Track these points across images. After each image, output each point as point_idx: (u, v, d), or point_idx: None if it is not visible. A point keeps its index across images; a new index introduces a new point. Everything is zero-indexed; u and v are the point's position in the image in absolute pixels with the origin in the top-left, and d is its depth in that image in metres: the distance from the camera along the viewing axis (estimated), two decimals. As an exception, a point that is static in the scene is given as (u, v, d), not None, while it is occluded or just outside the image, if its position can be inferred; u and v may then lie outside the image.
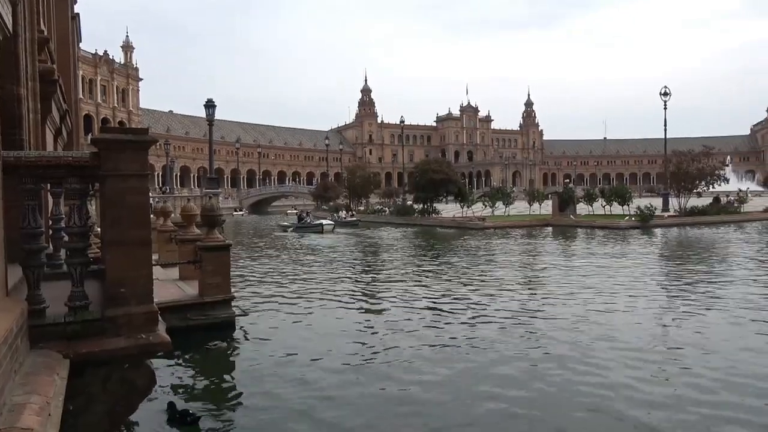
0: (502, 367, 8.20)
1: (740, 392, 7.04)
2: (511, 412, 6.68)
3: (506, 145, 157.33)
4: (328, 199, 68.37)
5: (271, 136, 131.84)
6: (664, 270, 18.20)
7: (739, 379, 7.49)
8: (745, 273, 16.60)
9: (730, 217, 38.27)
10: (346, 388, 7.47)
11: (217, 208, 11.56)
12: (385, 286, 15.84)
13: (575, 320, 10.91)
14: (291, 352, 9.19)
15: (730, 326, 10.33)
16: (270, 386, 7.67)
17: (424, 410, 6.79)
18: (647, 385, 7.37)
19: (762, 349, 8.84)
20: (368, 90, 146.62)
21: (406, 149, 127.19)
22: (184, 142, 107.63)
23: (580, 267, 18.37)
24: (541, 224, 37.83)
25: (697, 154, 41.66)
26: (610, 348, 9.00)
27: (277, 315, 12.06)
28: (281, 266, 20.68)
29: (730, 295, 13.03)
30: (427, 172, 46.46)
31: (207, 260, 10.61)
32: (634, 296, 13.24)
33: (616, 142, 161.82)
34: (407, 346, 9.29)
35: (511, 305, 12.51)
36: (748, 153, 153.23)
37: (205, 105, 25.97)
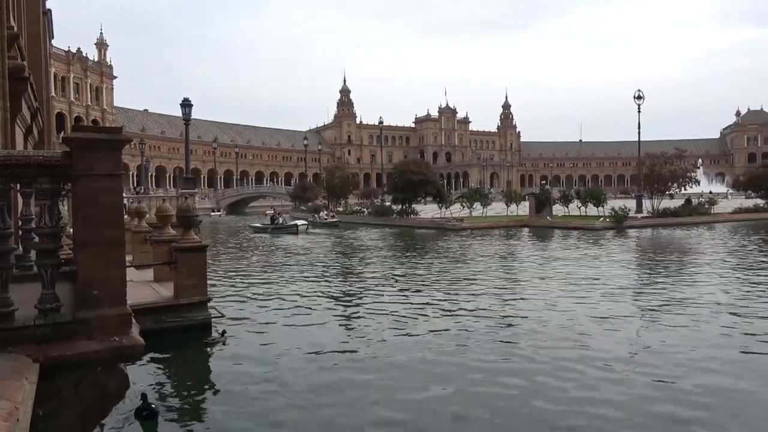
0: (479, 363, 8.28)
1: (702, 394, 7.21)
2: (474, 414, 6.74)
3: (484, 147, 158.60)
4: (306, 199, 68.10)
5: (248, 136, 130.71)
6: (636, 270, 18.54)
7: (700, 380, 7.67)
8: (715, 274, 17.01)
9: (701, 218, 39.16)
10: (320, 392, 7.44)
11: (194, 209, 11.40)
12: (362, 287, 15.81)
13: (547, 320, 11.04)
14: (267, 354, 9.14)
15: (700, 327, 10.55)
16: (243, 389, 7.63)
17: (400, 418, 6.80)
18: (613, 385, 7.51)
19: (720, 345, 9.08)
20: (347, 90, 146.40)
21: (385, 150, 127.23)
22: (159, 141, 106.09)
23: (555, 268, 18.60)
24: (518, 225, 38.22)
25: (670, 157, 42.54)
26: (581, 350, 9.14)
27: (254, 317, 11.96)
28: (257, 268, 20.51)
29: (701, 297, 13.34)
30: (405, 172, 46.58)
31: (182, 261, 10.47)
32: (607, 297, 13.45)
33: (592, 144, 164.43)
34: (381, 351, 9.26)
35: (486, 304, 12.62)
36: (719, 156, 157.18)
37: (182, 104, 25.67)
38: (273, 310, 12.52)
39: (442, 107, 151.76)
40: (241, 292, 15.01)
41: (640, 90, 44.99)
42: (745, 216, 41.67)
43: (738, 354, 8.73)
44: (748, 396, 7.07)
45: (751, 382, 7.55)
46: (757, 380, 7.65)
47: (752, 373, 7.95)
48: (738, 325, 10.46)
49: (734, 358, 8.50)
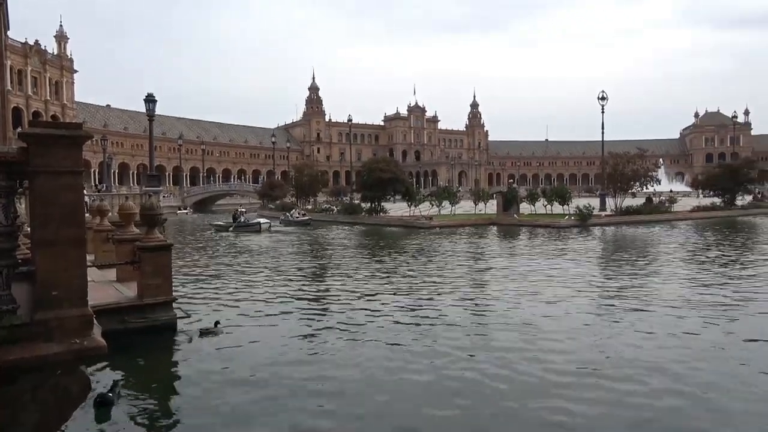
0: (447, 359, 8.37)
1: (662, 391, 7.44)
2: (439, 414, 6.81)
3: (453, 146, 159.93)
4: (274, 197, 67.46)
5: (215, 132, 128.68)
6: (600, 267, 18.98)
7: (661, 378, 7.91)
8: (674, 269, 17.55)
9: (662, 216, 40.33)
10: (283, 391, 7.41)
11: (158, 207, 11.16)
12: (328, 286, 15.79)
13: (513, 317, 11.22)
14: (231, 353, 9.05)
15: (659, 321, 10.88)
16: (205, 387, 7.57)
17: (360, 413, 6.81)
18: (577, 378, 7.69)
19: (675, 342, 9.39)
20: (316, 88, 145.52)
21: (354, 148, 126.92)
22: (122, 137, 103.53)
23: (521, 265, 18.90)
24: (486, 223, 38.67)
25: (632, 157, 43.64)
26: (543, 343, 9.33)
27: (218, 317, 11.76)
28: (220, 268, 20.18)
29: (661, 293, 13.75)
30: (374, 171, 46.55)
31: (146, 261, 10.25)
32: (571, 294, 13.73)
33: (557, 143, 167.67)
34: (347, 347, 9.28)
35: (454, 302, 12.75)
36: (678, 156, 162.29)
37: (146, 99, 25.10)
38: (237, 310, 12.33)
39: (411, 106, 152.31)
40: (205, 293, 14.77)
41: (604, 91, 46.08)
42: (703, 214, 43.13)
43: (697, 346, 9.03)
44: (714, 387, 7.32)
45: (716, 375, 7.83)
46: (724, 372, 7.92)
47: (718, 364, 8.23)
48: (701, 319, 10.82)
49: (698, 352, 8.79)
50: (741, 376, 7.77)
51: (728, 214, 44.09)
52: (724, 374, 7.83)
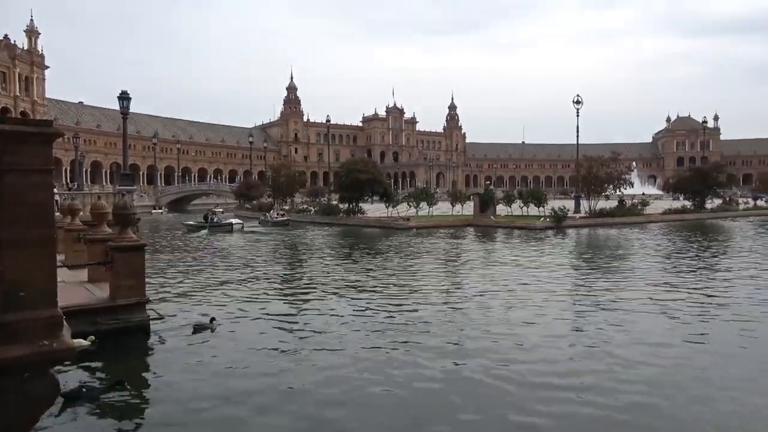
0: (422, 360, 8.41)
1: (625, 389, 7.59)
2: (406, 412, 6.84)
3: (431, 147, 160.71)
4: (251, 197, 66.88)
5: (191, 131, 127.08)
6: (574, 269, 19.24)
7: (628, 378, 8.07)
8: (647, 270, 17.92)
9: (634, 218, 41.11)
10: (254, 395, 7.35)
11: (131, 206, 10.97)
12: (301, 287, 15.70)
13: (489, 318, 11.32)
14: (206, 358, 8.94)
15: (636, 321, 11.09)
16: (179, 394, 7.48)
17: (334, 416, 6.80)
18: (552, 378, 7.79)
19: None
20: (294, 88, 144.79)
21: (332, 148, 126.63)
22: (95, 135, 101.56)
23: (497, 266, 19.08)
24: (463, 224, 38.92)
25: (606, 160, 44.38)
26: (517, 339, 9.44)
27: (190, 318, 11.62)
28: (193, 268, 19.92)
29: (633, 293, 14.02)
30: (352, 171, 46.47)
31: (119, 261, 10.07)
32: (546, 296, 13.90)
33: (534, 146, 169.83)
34: (320, 353, 9.17)
35: (431, 301, 12.81)
36: (651, 159, 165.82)
37: (119, 97, 24.67)
38: (212, 313, 12.14)
39: (389, 107, 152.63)
40: (177, 294, 14.57)
41: (579, 95, 46.82)
42: (674, 216, 44.12)
43: (664, 345, 9.23)
44: (683, 386, 7.49)
45: (686, 372, 8.01)
46: (694, 370, 8.12)
47: (687, 363, 8.42)
48: (669, 319, 11.07)
49: (667, 350, 8.99)
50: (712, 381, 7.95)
51: (698, 217, 45.17)
52: (698, 378, 8.01)
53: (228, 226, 37.72)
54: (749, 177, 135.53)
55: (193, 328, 10.70)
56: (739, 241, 28.18)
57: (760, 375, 7.92)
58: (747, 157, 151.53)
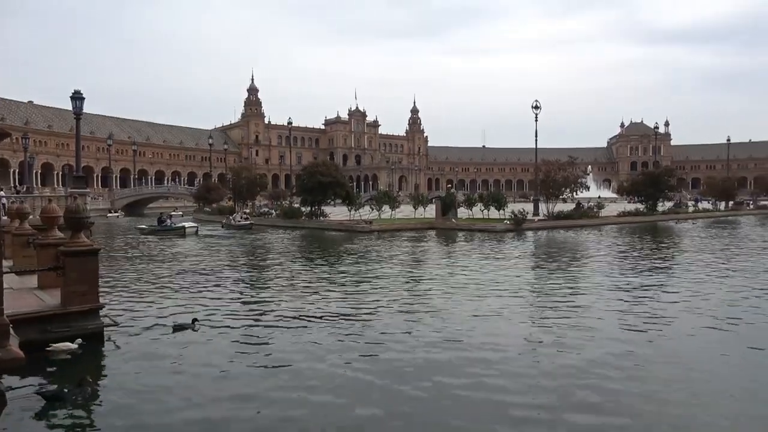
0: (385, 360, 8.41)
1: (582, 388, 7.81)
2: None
3: (393, 150, 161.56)
4: (211, 200, 65.76)
5: (148, 133, 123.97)
6: (534, 271, 19.66)
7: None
8: (603, 271, 18.45)
9: (591, 221, 42.29)
10: (205, 402, 7.22)
11: (84, 209, 10.60)
12: (259, 292, 15.43)
13: (450, 326, 11.42)
14: (158, 364, 8.72)
15: (593, 323, 11.40)
16: (127, 397, 7.33)
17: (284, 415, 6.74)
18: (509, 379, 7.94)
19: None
20: (255, 89, 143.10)
21: (294, 151, 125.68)
22: (46, 136, 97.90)
23: (458, 269, 19.26)
24: (425, 227, 39.22)
25: (563, 164, 45.55)
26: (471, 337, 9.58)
27: (149, 324, 11.31)
28: (147, 273, 19.37)
29: (591, 292, 14.42)
30: (314, 174, 46.22)
31: (71, 266, 9.72)
32: (504, 297, 14.12)
33: (494, 150, 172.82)
34: (274, 362, 8.93)
35: (391, 310, 12.83)
36: (606, 164, 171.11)
37: (72, 97, 23.97)
38: (164, 318, 11.81)
39: (352, 110, 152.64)
40: (130, 299, 14.15)
41: (538, 100, 47.95)
42: (628, 219, 45.63)
43: (614, 345, 9.53)
44: (636, 385, 7.73)
45: (636, 370, 8.28)
46: (647, 369, 8.39)
47: (636, 363, 8.70)
48: (622, 318, 11.42)
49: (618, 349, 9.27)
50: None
51: (650, 219, 46.87)
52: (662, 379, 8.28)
53: (180, 229, 36.83)
54: (697, 181, 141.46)
55: (173, 327, 10.68)
56: (687, 241, 29.36)
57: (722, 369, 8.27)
58: (695, 162, 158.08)
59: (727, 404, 7.07)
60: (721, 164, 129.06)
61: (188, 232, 36.51)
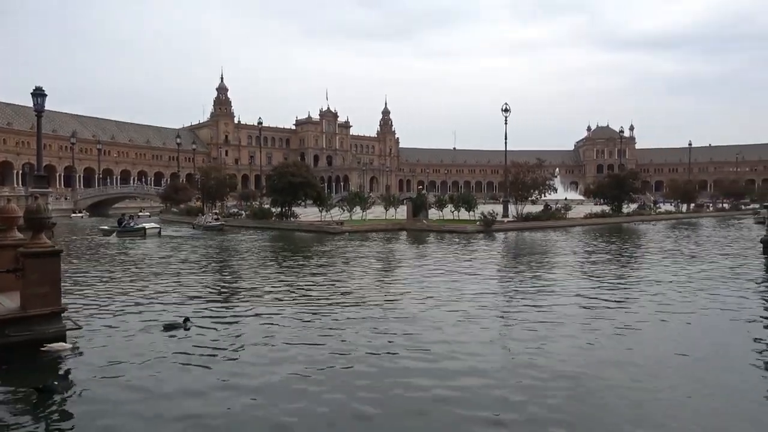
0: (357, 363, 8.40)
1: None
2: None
3: (364, 151, 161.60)
4: (178, 201, 64.63)
5: (113, 131, 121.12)
6: (501, 270, 19.89)
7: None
8: (571, 271, 18.79)
9: (559, 222, 43.05)
10: (166, 406, 7.10)
11: (45, 210, 10.27)
12: (225, 294, 15.21)
13: (417, 320, 11.47)
14: (124, 367, 8.51)
15: (562, 323, 11.58)
16: (88, 402, 7.21)
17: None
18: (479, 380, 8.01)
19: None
20: (224, 88, 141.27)
21: (265, 151, 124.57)
22: (5, 134, 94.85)
23: (428, 270, 19.32)
24: (396, 228, 39.30)
25: (532, 166, 46.26)
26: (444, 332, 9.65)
27: (112, 328, 11.03)
28: (107, 274, 18.91)
29: (558, 294, 14.67)
30: (285, 175, 45.84)
31: (31, 268, 9.40)
32: (474, 295, 14.25)
33: (465, 152, 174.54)
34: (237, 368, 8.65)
35: (360, 312, 12.80)
36: (573, 166, 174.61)
37: (33, 93, 23.23)
38: (127, 321, 11.52)
39: (323, 110, 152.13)
40: (92, 301, 13.78)
41: (507, 103, 48.58)
42: (594, 220, 46.62)
43: (578, 345, 9.72)
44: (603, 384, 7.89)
45: (599, 368, 8.44)
46: (615, 367, 8.56)
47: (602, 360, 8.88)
48: (590, 318, 11.65)
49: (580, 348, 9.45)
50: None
51: (616, 221, 48.01)
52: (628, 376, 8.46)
53: (140, 230, 36.09)
54: (661, 184, 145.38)
55: (164, 326, 10.67)
56: (651, 242, 30.16)
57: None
58: (659, 165, 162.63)
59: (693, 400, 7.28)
60: (683, 167, 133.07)
61: (150, 233, 35.81)
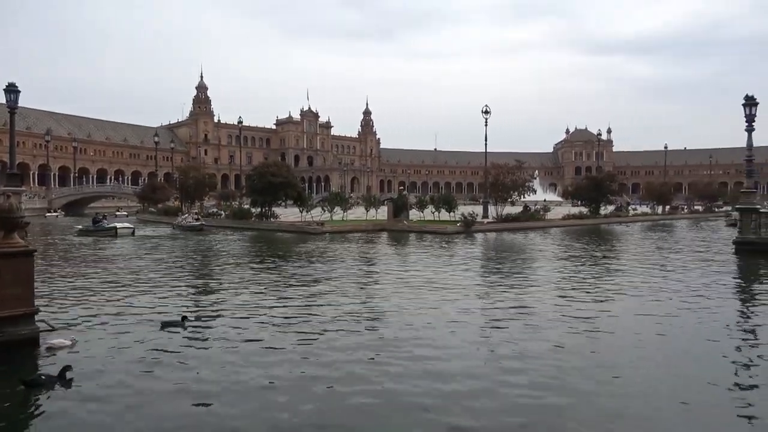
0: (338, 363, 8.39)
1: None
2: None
3: (345, 152, 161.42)
4: (156, 200, 63.84)
5: (89, 129, 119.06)
6: (480, 270, 20.03)
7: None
8: (549, 271, 19.01)
9: (537, 223, 43.52)
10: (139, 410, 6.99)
11: (18, 209, 10.05)
12: (201, 296, 15.03)
13: (400, 332, 11.48)
14: (93, 370, 8.35)
15: (539, 324, 11.70)
16: (62, 404, 7.07)
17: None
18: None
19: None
20: (204, 87, 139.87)
21: (245, 151, 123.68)
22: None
23: (408, 271, 19.35)
24: (377, 229, 39.32)
25: (512, 168, 46.71)
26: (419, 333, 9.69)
27: (88, 330, 10.82)
28: (80, 275, 18.57)
29: (537, 294, 14.82)
30: (265, 175, 45.57)
31: (4, 269, 9.19)
32: (453, 298, 14.32)
33: (445, 153, 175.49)
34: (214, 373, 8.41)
35: (339, 314, 12.76)
36: (552, 168, 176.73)
37: (6, 89, 22.77)
38: (99, 324, 11.30)
39: (304, 110, 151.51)
40: (65, 303, 13.53)
41: (488, 105, 48.97)
42: (572, 222, 47.23)
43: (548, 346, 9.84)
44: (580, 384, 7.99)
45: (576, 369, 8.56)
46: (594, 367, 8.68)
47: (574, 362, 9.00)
48: (568, 320, 11.80)
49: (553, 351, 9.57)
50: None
51: (593, 222, 48.73)
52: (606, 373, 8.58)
53: (111, 230, 35.60)
54: (637, 186, 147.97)
55: (162, 324, 10.72)
56: (628, 243, 30.68)
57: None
58: (635, 167, 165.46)
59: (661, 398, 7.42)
60: (658, 170, 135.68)
61: (122, 233, 35.41)
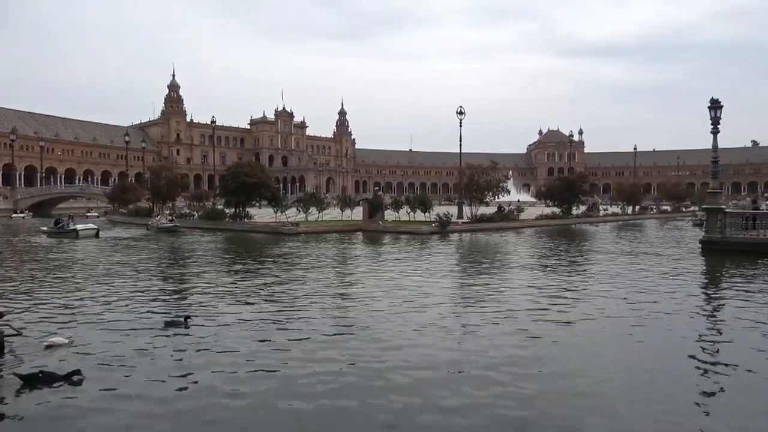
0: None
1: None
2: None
3: (321, 152, 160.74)
4: (127, 201, 62.59)
5: (57, 128, 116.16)
6: (457, 271, 20.15)
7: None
8: (523, 272, 19.21)
9: (511, 223, 43.97)
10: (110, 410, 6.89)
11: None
12: (171, 298, 14.75)
13: (377, 334, 11.47)
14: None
15: (511, 325, 11.81)
16: (37, 406, 6.88)
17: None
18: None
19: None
20: (176, 86, 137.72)
21: (218, 151, 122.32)
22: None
23: (384, 272, 19.32)
24: (352, 229, 39.21)
25: (486, 168, 47.03)
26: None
27: (54, 332, 10.54)
28: (44, 277, 18.10)
29: (511, 296, 14.96)
30: (239, 175, 45.04)
31: (-35, 271, 8.88)
32: (427, 297, 14.34)
33: (421, 154, 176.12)
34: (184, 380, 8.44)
35: (315, 316, 12.70)
36: (525, 169, 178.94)
37: (-32, 87, 21.93)
38: (69, 326, 11.05)
39: (278, 110, 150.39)
40: (31, 306, 13.16)
41: (462, 106, 49.34)
42: (545, 222, 47.85)
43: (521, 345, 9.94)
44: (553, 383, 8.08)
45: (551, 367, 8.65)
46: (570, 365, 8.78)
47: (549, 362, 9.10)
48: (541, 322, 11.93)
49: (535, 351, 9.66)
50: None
51: (566, 222, 49.47)
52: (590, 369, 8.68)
53: (72, 232, 34.89)
54: (608, 186, 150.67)
55: (164, 323, 10.77)
56: (599, 242, 31.23)
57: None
58: (606, 168, 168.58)
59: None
60: (629, 171, 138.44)
61: (84, 234, 34.81)
